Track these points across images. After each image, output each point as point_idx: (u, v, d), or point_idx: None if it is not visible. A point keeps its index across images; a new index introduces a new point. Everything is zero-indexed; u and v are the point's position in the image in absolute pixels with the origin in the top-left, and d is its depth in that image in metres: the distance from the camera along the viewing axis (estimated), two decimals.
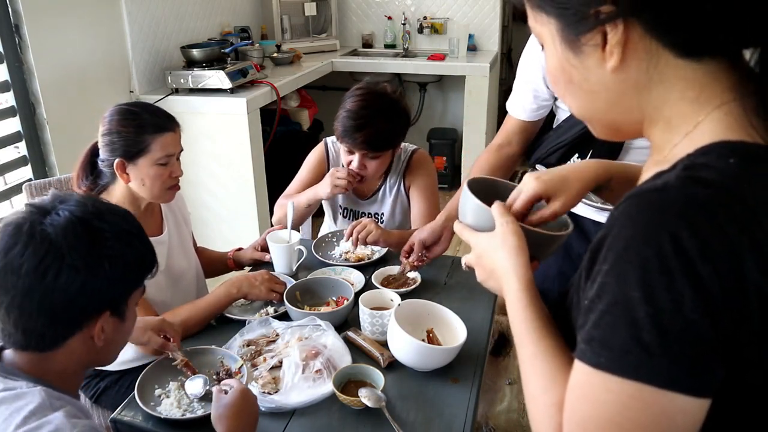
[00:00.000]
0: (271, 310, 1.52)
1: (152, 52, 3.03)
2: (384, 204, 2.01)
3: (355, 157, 1.81)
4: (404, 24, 4.28)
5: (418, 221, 1.91)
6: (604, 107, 0.66)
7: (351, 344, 1.37)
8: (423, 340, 1.30)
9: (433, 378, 1.28)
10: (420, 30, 4.30)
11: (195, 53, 2.96)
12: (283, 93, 3.21)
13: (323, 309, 1.50)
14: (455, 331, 1.33)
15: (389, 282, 1.63)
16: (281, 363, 1.30)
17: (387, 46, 4.41)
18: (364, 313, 1.40)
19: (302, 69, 3.62)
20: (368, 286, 1.61)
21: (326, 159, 2.02)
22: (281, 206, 1.95)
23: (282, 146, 3.38)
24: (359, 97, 1.78)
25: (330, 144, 2.03)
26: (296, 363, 1.27)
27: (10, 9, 2.25)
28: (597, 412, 0.57)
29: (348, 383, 1.24)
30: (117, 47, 2.82)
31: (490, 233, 0.81)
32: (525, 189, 0.88)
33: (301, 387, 1.24)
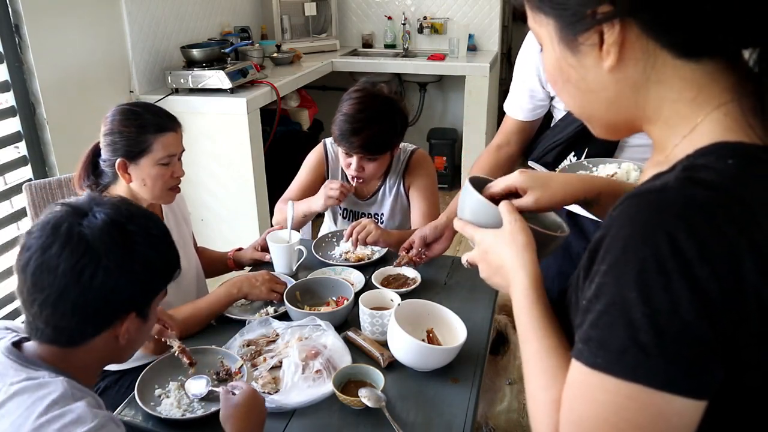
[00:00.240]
0: (271, 310, 1.52)
1: (152, 52, 3.03)
2: (384, 204, 2.01)
3: (353, 160, 1.81)
4: (404, 24, 4.28)
5: (418, 221, 1.91)
6: (602, 107, 0.66)
7: (351, 344, 1.37)
8: (423, 340, 1.31)
9: (433, 378, 1.28)
10: (420, 30, 4.30)
11: (195, 53, 2.96)
12: (283, 93, 3.21)
13: (323, 309, 1.50)
14: (455, 331, 1.34)
15: (389, 282, 1.63)
16: (281, 363, 1.30)
17: (387, 46, 4.41)
18: (364, 313, 1.40)
19: (302, 69, 3.62)
20: (368, 286, 1.61)
21: (325, 160, 2.01)
22: (281, 210, 1.94)
23: (282, 146, 3.38)
24: (355, 100, 1.77)
25: (329, 145, 2.02)
26: (296, 363, 1.27)
27: (10, 9, 2.25)
28: (593, 412, 0.57)
29: (348, 383, 1.24)
30: (117, 47, 2.82)
31: (497, 230, 0.81)
32: (507, 178, 0.91)
33: (301, 387, 1.24)
